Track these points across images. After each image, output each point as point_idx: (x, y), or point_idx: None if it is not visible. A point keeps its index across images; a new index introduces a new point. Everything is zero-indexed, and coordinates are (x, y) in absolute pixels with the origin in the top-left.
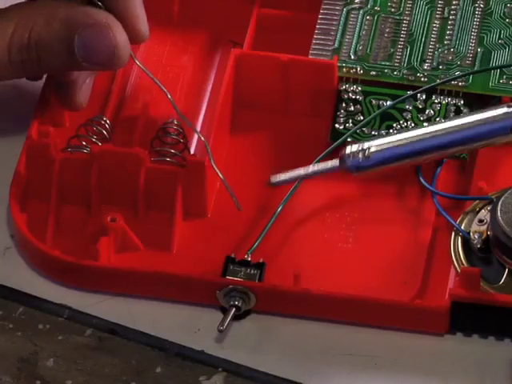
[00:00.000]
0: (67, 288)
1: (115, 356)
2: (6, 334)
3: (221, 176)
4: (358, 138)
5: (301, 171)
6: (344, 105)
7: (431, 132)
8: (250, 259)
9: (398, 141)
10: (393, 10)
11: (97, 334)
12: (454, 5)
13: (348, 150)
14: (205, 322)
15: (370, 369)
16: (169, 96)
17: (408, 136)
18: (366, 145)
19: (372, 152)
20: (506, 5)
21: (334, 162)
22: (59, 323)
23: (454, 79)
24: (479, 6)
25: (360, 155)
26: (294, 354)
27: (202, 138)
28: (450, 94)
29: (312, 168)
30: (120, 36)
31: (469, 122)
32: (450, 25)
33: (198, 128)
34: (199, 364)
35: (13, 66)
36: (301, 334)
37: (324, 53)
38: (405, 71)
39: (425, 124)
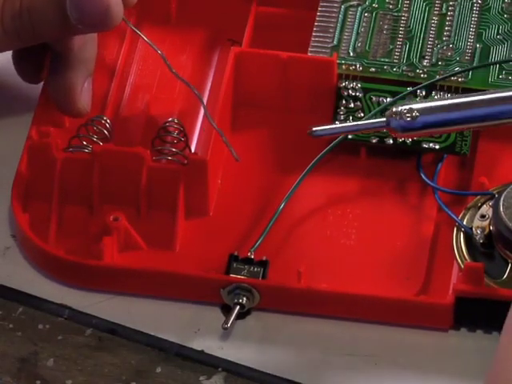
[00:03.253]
0: (67, 288)
1: (115, 356)
2: (6, 334)
3: (215, 127)
4: (359, 134)
5: (345, 125)
6: (344, 102)
7: (482, 99)
8: (253, 257)
9: (446, 105)
10: (391, 6)
11: (97, 334)
12: (452, 0)
13: (395, 109)
14: (205, 322)
15: (371, 368)
16: (162, 54)
17: (457, 102)
18: (414, 106)
19: (418, 114)
20: (503, 0)
21: (380, 120)
22: (59, 323)
23: (453, 75)
24: (477, 2)
25: (406, 116)
26: (294, 354)
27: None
28: (449, 89)
29: (357, 123)
30: None
31: None
32: (449, 21)
33: (198, 126)
34: (199, 364)
35: (7, 36)
36: (301, 332)
37: (323, 50)
38: (404, 68)
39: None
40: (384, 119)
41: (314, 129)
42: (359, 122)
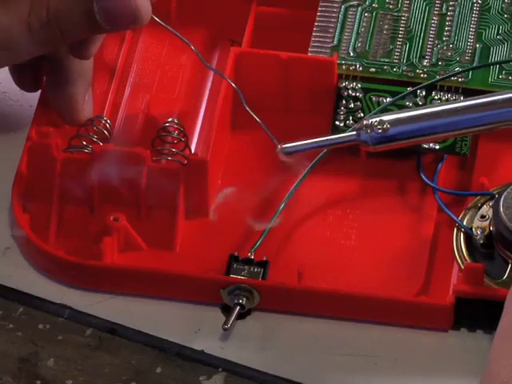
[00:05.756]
0: (67, 288)
1: (115, 356)
2: (6, 334)
3: (257, 118)
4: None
5: (315, 140)
6: (344, 102)
7: (452, 109)
8: (253, 257)
9: (416, 116)
10: (391, 6)
11: (97, 334)
12: (452, 0)
13: (365, 122)
14: (205, 322)
15: (371, 368)
16: (192, 47)
17: (427, 112)
18: (384, 118)
19: (390, 126)
20: (503, 0)
21: (350, 134)
22: (59, 323)
23: (453, 75)
24: (477, 2)
25: (377, 128)
26: (294, 354)
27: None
28: (449, 90)
29: (327, 138)
30: None
31: (493, 101)
32: (449, 21)
33: (199, 126)
34: (199, 364)
35: (36, 44)
36: (301, 333)
37: (323, 50)
38: (404, 68)
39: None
40: (354, 133)
41: (284, 146)
42: (329, 137)
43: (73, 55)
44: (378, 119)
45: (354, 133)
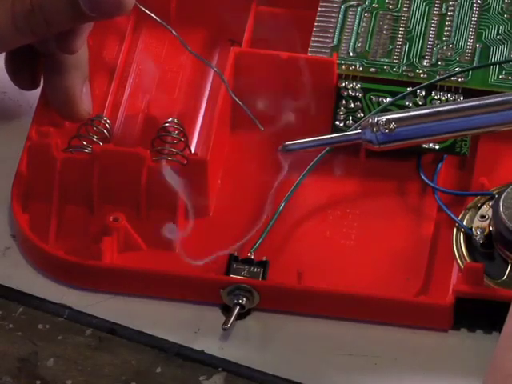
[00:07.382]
0: (67, 288)
1: (115, 356)
2: (6, 334)
3: (238, 102)
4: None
5: (318, 138)
6: (344, 102)
7: (460, 108)
8: (253, 257)
9: (424, 115)
10: (391, 6)
11: (97, 334)
12: (452, 0)
13: (370, 120)
14: (205, 322)
15: (371, 368)
16: (174, 32)
17: (435, 111)
18: (390, 117)
19: (396, 126)
20: (503, 0)
21: (354, 132)
22: (59, 323)
23: (453, 75)
24: (477, 2)
25: (384, 128)
26: (294, 354)
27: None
28: (449, 90)
29: (330, 136)
30: None
31: (506, 100)
32: (448, 21)
33: (198, 126)
34: (199, 364)
35: (20, 33)
36: (301, 333)
37: (323, 50)
38: (404, 68)
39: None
40: (359, 131)
41: (287, 143)
42: (333, 135)
43: (59, 49)
44: (384, 118)
45: (359, 131)
